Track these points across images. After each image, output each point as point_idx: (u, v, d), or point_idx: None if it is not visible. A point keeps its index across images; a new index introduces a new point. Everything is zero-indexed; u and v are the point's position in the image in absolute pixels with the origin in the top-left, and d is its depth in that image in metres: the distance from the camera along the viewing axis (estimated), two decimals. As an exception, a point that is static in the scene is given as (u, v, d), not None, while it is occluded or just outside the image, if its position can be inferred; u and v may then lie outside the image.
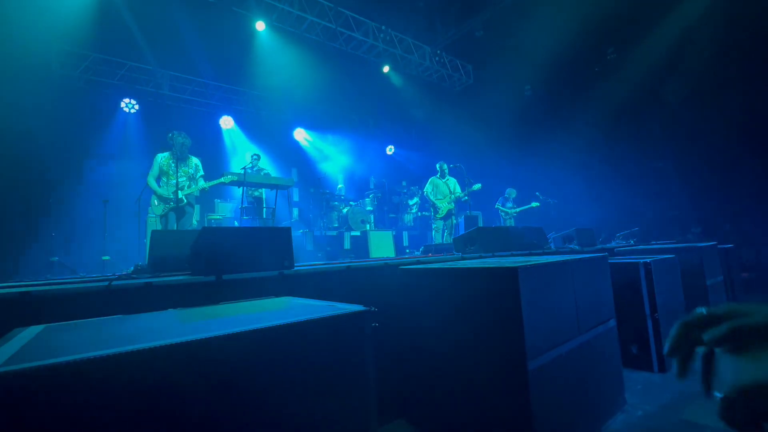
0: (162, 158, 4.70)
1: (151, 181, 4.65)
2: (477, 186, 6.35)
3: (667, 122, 7.80)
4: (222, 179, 4.86)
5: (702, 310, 0.43)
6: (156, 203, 4.68)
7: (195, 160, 4.89)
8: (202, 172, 4.92)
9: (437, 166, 6.90)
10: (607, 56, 8.53)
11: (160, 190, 4.61)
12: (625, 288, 2.71)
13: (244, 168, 5.36)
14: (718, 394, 0.36)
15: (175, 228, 4.52)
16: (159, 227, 4.79)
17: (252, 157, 6.33)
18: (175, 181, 4.60)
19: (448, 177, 6.84)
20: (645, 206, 8.00)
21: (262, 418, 0.89)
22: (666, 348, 0.43)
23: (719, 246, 4.40)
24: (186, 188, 4.69)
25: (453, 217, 6.80)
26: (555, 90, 9.36)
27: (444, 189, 6.74)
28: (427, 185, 6.87)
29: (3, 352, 0.76)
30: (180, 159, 4.71)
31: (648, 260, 2.76)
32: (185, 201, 4.69)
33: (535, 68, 9.17)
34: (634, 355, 2.69)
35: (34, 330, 1.08)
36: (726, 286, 4.10)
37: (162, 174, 4.68)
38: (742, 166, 6.82)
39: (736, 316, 0.40)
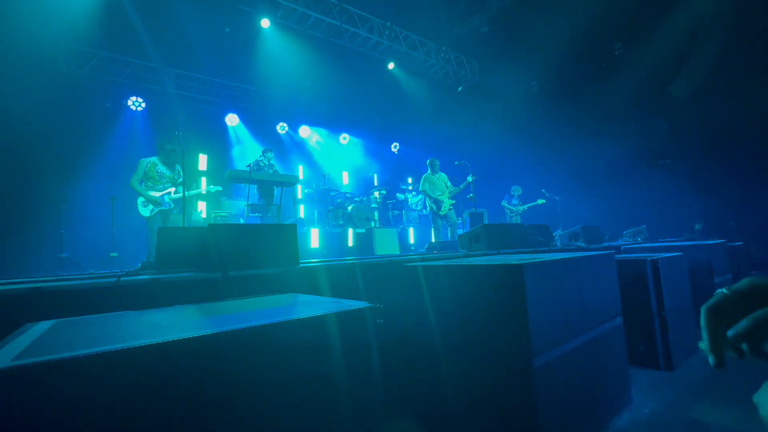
0: (147, 163, 4.77)
1: (136, 184, 4.68)
2: (470, 178, 6.32)
3: (675, 119, 7.70)
4: (209, 188, 5.25)
5: (723, 290, 0.42)
6: (143, 205, 4.73)
7: (178, 167, 4.98)
8: (182, 179, 4.98)
9: (428, 162, 6.84)
10: (614, 52, 8.43)
11: (150, 195, 4.69)
12: (632, 285, 2.69)
13: (249, 165, 5.39)
14: None
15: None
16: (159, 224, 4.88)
17: (264, 151, 6.32)
18: (161, 186, 4.77)
19: (439, 172, 6.79)
20: (652, 203, 7.91)
21: (269, 413, 0.90)
22: (706, 345, 0.42)
23: (728, 244, 4.35)
24: (173, 193, 4.84)
25: (453, 214, 6.76)
26: (562, 86, 9.26)
27: (440, 184, 6.68)
28: (422, 183, 6.73)
29: (14, 347, 0.78)
30: (167, 165, 4.86)
31: (656, 257, 2.73)
32: (172, 205, 4.86)
33: (541, 64, 9.08)
34: (641, 352, 2.68)
35: (44, 325, 1.10)
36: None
37: (146, 178, 4.74)
38: (752, 164, 6.72)
39: (758, 296, 0.39)
